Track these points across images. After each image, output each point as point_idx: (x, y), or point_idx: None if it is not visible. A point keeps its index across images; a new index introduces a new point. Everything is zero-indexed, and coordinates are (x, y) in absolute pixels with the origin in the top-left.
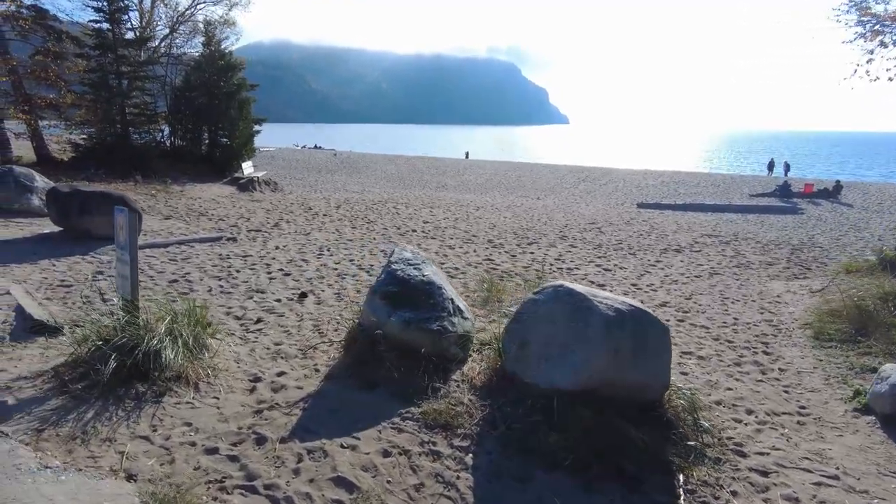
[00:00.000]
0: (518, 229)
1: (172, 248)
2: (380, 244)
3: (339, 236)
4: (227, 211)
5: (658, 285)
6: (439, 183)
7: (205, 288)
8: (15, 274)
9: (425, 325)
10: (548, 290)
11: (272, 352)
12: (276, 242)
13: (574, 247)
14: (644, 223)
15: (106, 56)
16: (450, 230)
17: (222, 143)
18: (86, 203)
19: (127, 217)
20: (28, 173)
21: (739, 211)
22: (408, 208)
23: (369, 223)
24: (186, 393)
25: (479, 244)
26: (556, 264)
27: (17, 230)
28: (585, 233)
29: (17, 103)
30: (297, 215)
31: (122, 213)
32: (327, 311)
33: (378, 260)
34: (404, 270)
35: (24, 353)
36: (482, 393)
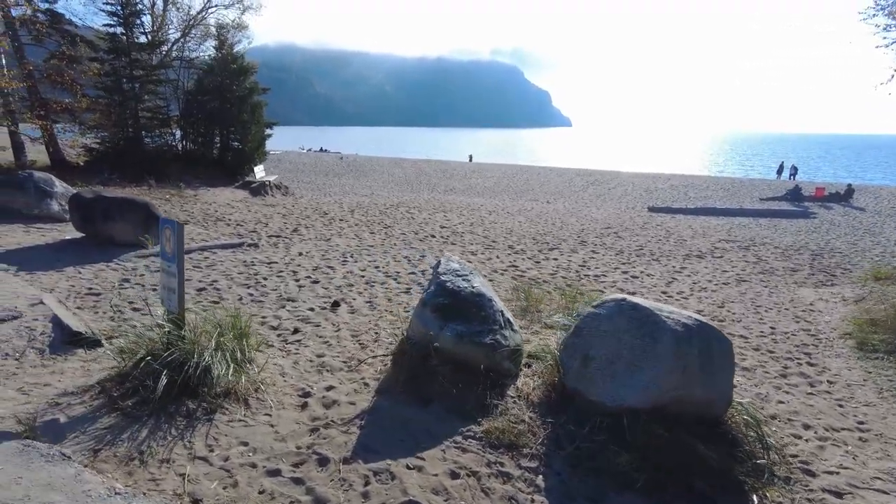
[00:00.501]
0: (536, 234)
1: (195, 254)
2: (402, 250)
3: (360, 242)
4: (244, 216)
5: (688, 293)
6: (447, 186)
7: (234, 296)
8: (42, 282)
9: (478, 339)
10: (609, 304)
11: (316, 364)
12: (299, 248)
13: (596, 252)
14: (659, 228)
15: (120, 60)
16: (468, 235)
17: (234, 146)
18: (109, 209)
19: (175, 229)
20: (47, 178)
21: (751, 215)
22: (421, 213)
23: (387, 228)
24: (237, 410)
25: (501, 250)
26: (581, 271)
27: (38, 236)
28: (604, 238)
29: (32, 108)
30: (314, 220)
31: (169, 224)
32: (362, 321)
33: (403, 267)
34: (454, 282)
35: (65, 366)
36: (541, 410)
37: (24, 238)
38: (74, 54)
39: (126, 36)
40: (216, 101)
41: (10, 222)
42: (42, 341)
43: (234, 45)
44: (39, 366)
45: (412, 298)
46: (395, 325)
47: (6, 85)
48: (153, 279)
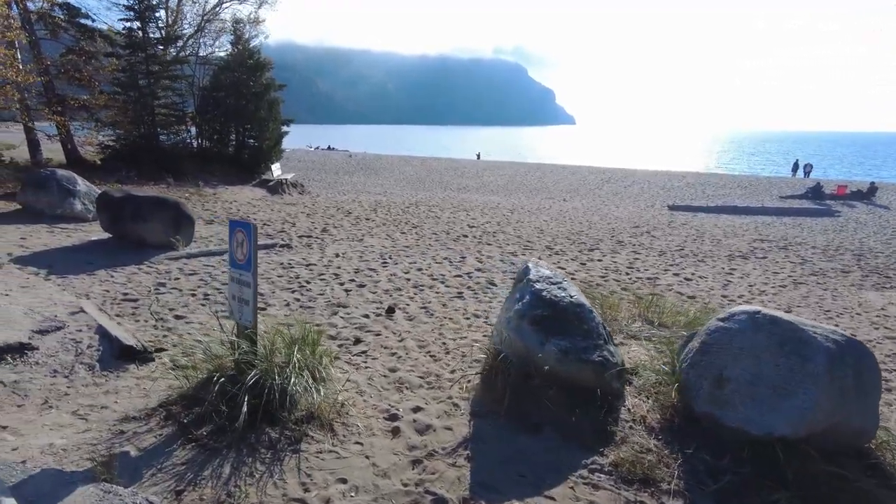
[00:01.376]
0: (569, 234)
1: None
2: (439, 251)
3: (394, 242)
4: (268, 215)
5: (748, 296)
6: (459, 185)
7: (281, 302)
8: (75, 286)
9: (585, 356)
10: (740, 316)
11: (392, 381)
12: (334, 249)
13: (637, 253)
14: (687, 227)
15: (136, 55)
16: (500, 235)
17: (250, 144)
18: (139, 209)
19: (249, 232)
20: (70, 177)
21: (774, 214)
22: (443, 211)
23: (415, 228)
24: (324, 438)
25: (539, 251)
26: (630, 273)
27: (64, 237)
28: (638, 237)
29: (49, 104)
30: (341, 219)
31: (242, 227)
32: (424, 330)
33: (445, 269)
34: (550, 291)
35: (118, 384)
36: (664, 436)
37: (49, 239)
38: (91, 49)
39: (142, 31)
40: (232, 98)
41: (33, 222)
42: (90, 356)
43: (251, 40)
44: (91, 384)
45: (467, 304)
46: (459, 333)
47: (24, 80)
48: (189, 283)
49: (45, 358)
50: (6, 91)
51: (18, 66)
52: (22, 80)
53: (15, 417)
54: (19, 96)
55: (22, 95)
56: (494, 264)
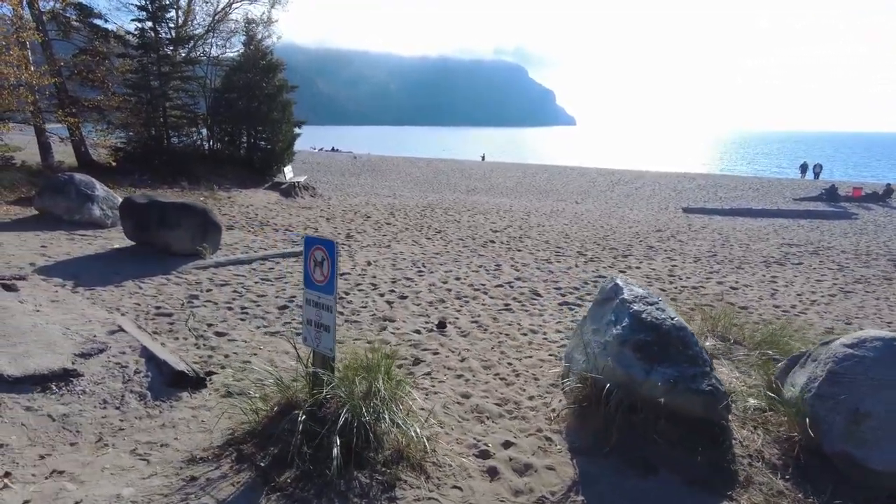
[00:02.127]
0: (595, 238)
1: (257, 264)
2: (471, 258)
3: (423, 249)
4: (287, 219)
5: (800, 306)
6: (468, 187)
7: None
8: (105, 300)
9: (694, 385)
10: (873, 343)
11: (468, 409)
12: (364, 257)
13: (672, 259)
14: (709, 230)
15: (148, 56)
16: (527, 240)
17: (262, 146)
18: (165, 215)
19: (331, 250)
20: (88, 181)
21: (790, 216)
22: (461, 215)
23: (438, 233)
24: (419, 482)
25: (573, 257)
26: (674, 281)
27: (85, 244)
28: (665, 242)
29: (62, 105)
30: (361, 224)
31: (322, 244)
32: (483, 347)
33: (483, 278)
34: (649, 312)
35: (174, 415)
36: (792, 477)
37: (71, 247)
38: (105, 50)
39: (154, 31)
40: (244, 99)
41: (52, 229)
42: (140, 383)
43: (263, 40)
44: (145, 416)
45: (518, 318)
46: (521, 351)
47: (38, 81)
48: (223, 295)
49: (92, 385)
50: (20, 93)
51: (31, 68)
52: (37, 81)
53: (71, 459)
54: (33, 98)
55: (35, 97)
56: (532, 273)
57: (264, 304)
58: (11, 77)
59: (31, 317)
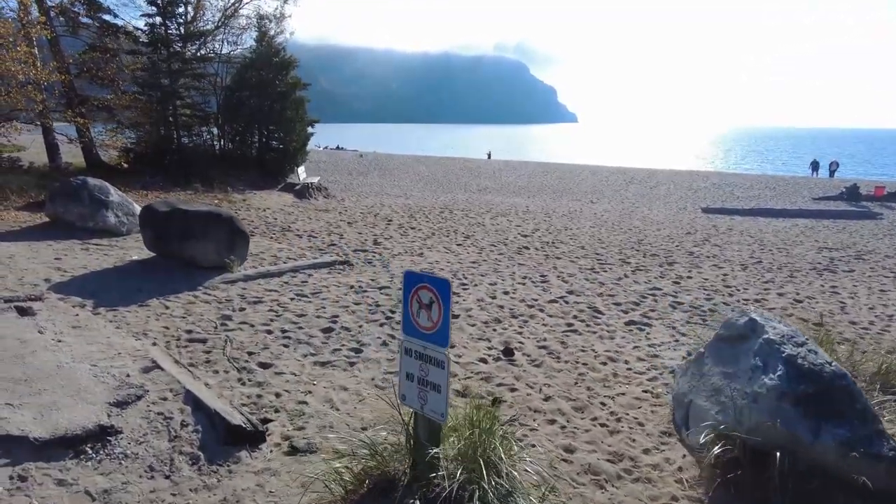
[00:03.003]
0: (628, 243)
1: (288, 276)
2: (512, 268)
3: (458, 258)
4: (310, 224)
5: (881, 323)
6: (479, 186)
7: (375, 340)
8: (129, 322)
9: (873, 449)
10: None
11: (578, 468)
12: (399, 267)
13: (719, 267)
14: (736, 232)
15: (159, 52)
16: (561, 245)
17: (274, 146)
18: (189, 225)
19: (443, 291)
20: (102, 186)
21: (812, 216)
22: (482, 217)
23: (468, 238)
24: None
25: (616, 265)
26: (733, 293)
27: (101, 256)
28: (701, 247)
29: (71, 104)
30: (384, 229)
31: (431, 283)
32: (563, 381)
33: (533, 291)
34: (803, 356)
35: (236, 484)
36: None
37: (86, 259)
38: (115, 47)
39: (165, 27)
40: (255, 98)
41: (64, 237)
42: (189, 440)
43: (276, 36)
44: (201, 487)
45: (590, 342)
46: (609, 386)
47: (46, 78)
48: (258, 315)
49: (134, 446)
50: (28, 91)
51: (38, 65)
52: (45, 78)
53: None
54: (42, 97)
55: (43, 96)
56: (582, 285)
57: (306, 326)
58: (19, 74)
59: (53, 352)
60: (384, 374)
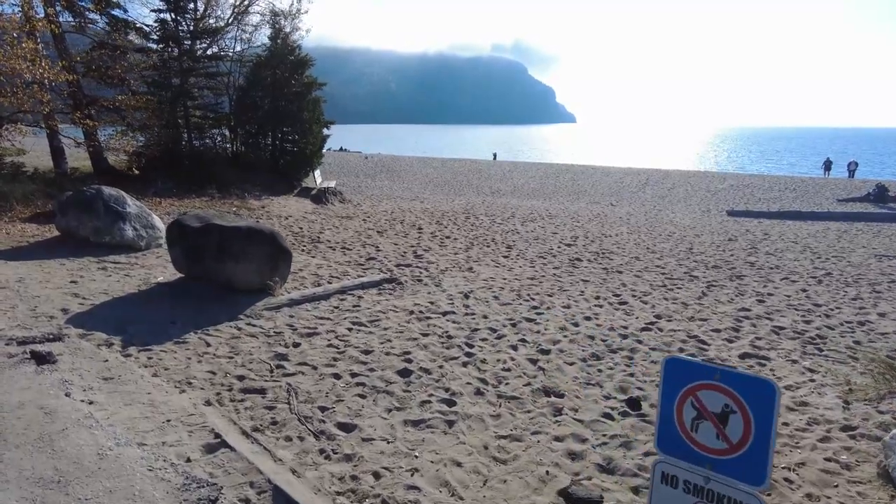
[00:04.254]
0: (681, 252)
1: (336, 298)
2: (580, 287)
3: (512, 273)
4: (338, 234)
5: None
6: (492, 188)
7: (464, 387)
8: (166, 365)
9: None
10: None
11: None
12: (454, 286)
13: (792, 280)
14: (775, 238)
15: (170, 50)
16: (614, 257)
17: (288, 149)
18: (227, 243)
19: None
20: (118, 196)
21: (842, 219)
22: (509, 222)
23: (510, 248)
24: None
25: (686, 280)
26: (831, 315)
27: (122, 277)
28: (758, 256)
29: (79, 106)
30: (418, 238)
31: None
32: None
33: (616, 315)
34: None
35: None
36: None
37: (106, 282)
38: (123, 44)
39: (177, 22)
40: (270, 98)
41: (77, 254)
42: None
43: (292, 33)
44: None
45: None
46: (778, 451)
47: (54, 77)
48: (318, 353)
49: None
50: (34, 92)
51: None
52: (53, 77)
53: None
54: (49, 98)
55: (48, 96)
56: (666, 307)
57: (377, 367)
58: (25, 73)
59: (89, 429)
60: (497, 441)
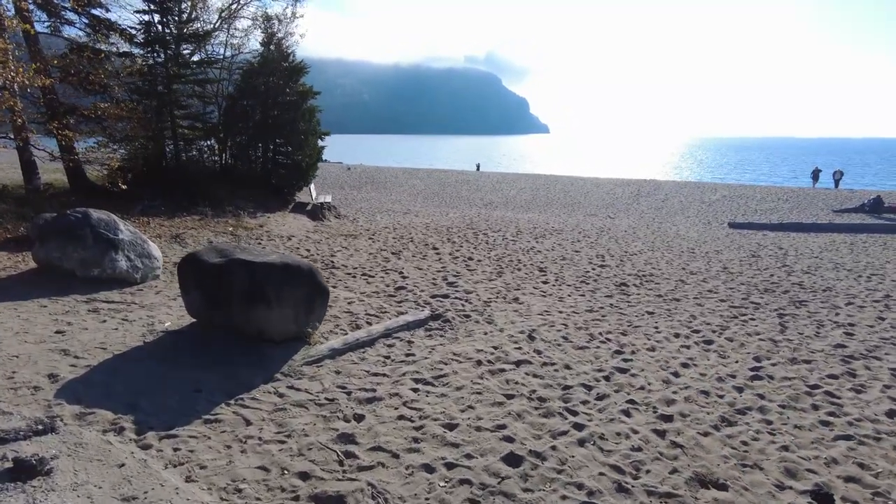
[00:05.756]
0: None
1: (381, 344)
2: (646, 319)
3: (563, 303)
4: (350, 257)
5: None
6: (483, 200)
7: (601, 481)
8: (200, 458)
9: None
10: None
11: None
12: (509, 323)
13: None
14: (797, 254)
15: (156, 55)
16: (660, 281)
17: (281, 161)
18: (259, 285)
19: None
20: (108, 220)
21: (845, 231)
22: (519, 237)
23: (542, 271)
24: None
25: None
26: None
27: (119, 323)
28: (797, 276)
29: (58, 115)
30: (440, 261)
31: None
32: None
33: (710, 359)
34: None
35: None
36: None
37: (101, 331)
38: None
39: (163, 24)
40: (263, 107)
41: (61, 291)
42: None
43: (286, 38)
44: None
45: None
46: None
47: (31, 81)
48: (385, 428)
49: None
50: (5, 98)
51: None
52: (29, 81)
53: None
54: (21, 105)
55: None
56: (758, 346)
57: (475, 452)
58: None
59: None
60: None
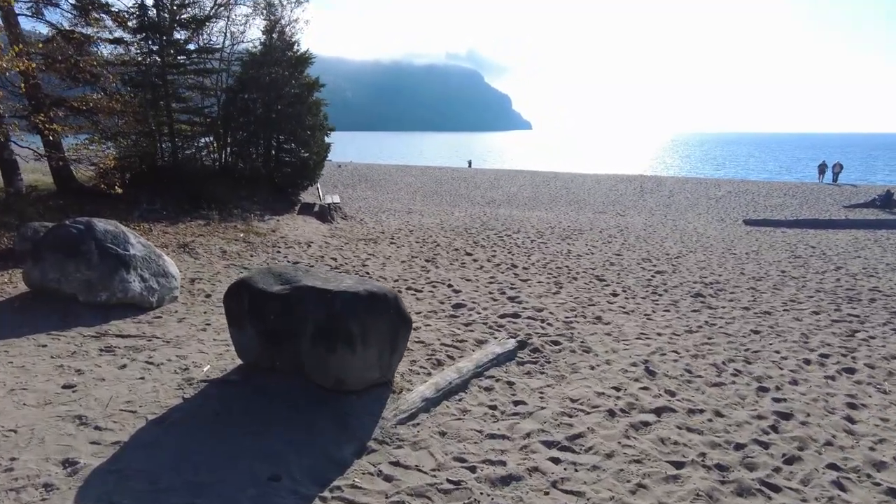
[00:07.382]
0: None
1: (476, 388)
2: (756, 340)
3: (657, 325)
4: (385, 268)
5: None
6: (484, 198)
7: None
8: None
9: None
10: None
11: None
12: (610, 351)
13: None
14: (842, 254)
15: (150, 42)
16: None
17: (285, 159)
18: (340, 318)
19: None
20: (116, 232)
21: (864, 227)
22: (547, 241)
23: (601, 280)
24: None
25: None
26: None
27: (142, 368)
28: (855, 279)
29: (43, 107)
30: (484, 270)
31: None
32: None
33: (869, 397)
34: None
35: None
36: None
37: (123, 381)
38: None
39: (157, 8)
40: (266, 100)
41: (63, 324)
42: None
43: (289, 24)
44: None
45: None
46: None
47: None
48: None
49: None
50: None
51: None
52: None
53: None
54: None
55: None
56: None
57: None
58: None
59: None
60: None
